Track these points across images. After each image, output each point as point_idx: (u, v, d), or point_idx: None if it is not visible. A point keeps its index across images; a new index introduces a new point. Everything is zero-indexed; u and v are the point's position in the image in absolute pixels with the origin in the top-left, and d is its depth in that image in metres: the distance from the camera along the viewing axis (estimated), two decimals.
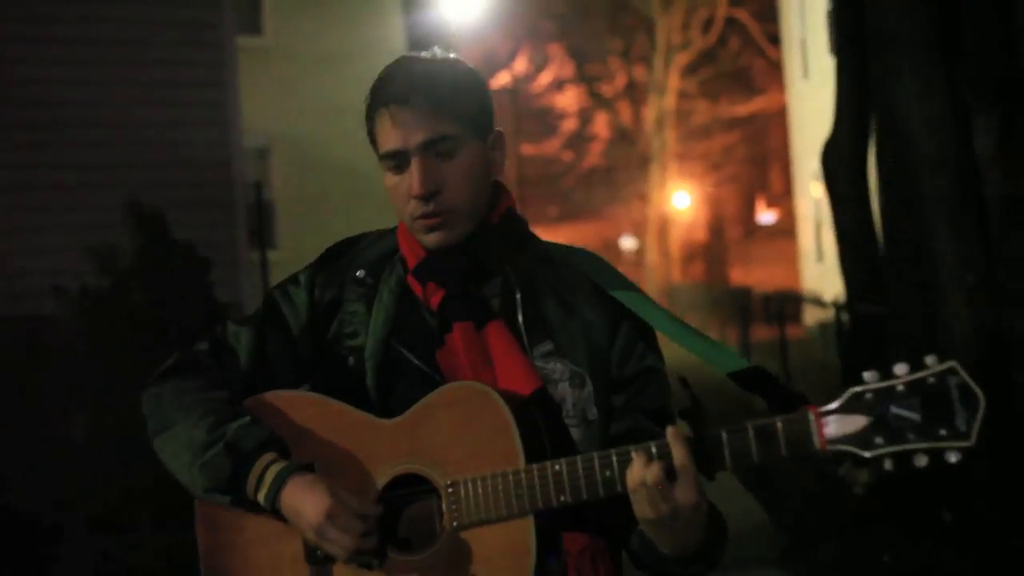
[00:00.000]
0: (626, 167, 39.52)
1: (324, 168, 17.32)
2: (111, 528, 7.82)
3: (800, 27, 27.29)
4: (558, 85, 39.86)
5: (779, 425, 2.10)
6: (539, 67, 39.32)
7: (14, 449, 8.24)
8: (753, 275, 34.90)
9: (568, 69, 39.48)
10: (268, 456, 2.31)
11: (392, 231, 2.50)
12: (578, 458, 2.19)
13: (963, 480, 7.34)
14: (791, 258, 32.06)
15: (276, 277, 10.99)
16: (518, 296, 2.39)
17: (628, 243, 44.15)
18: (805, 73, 27.10)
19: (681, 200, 40.59)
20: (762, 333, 19.02)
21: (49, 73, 10.24)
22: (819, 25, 23.61)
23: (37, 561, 7.31)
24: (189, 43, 10.95)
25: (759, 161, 42.73)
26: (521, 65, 39.07)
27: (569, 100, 40.44)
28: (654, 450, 2.15)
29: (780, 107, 33.06)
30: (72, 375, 8.74)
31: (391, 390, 2.36)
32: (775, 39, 32.25)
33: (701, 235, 43.91)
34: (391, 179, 2.36)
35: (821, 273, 25.55)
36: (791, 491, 9.66)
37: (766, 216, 43.68)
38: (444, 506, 2.26)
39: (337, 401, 2.36)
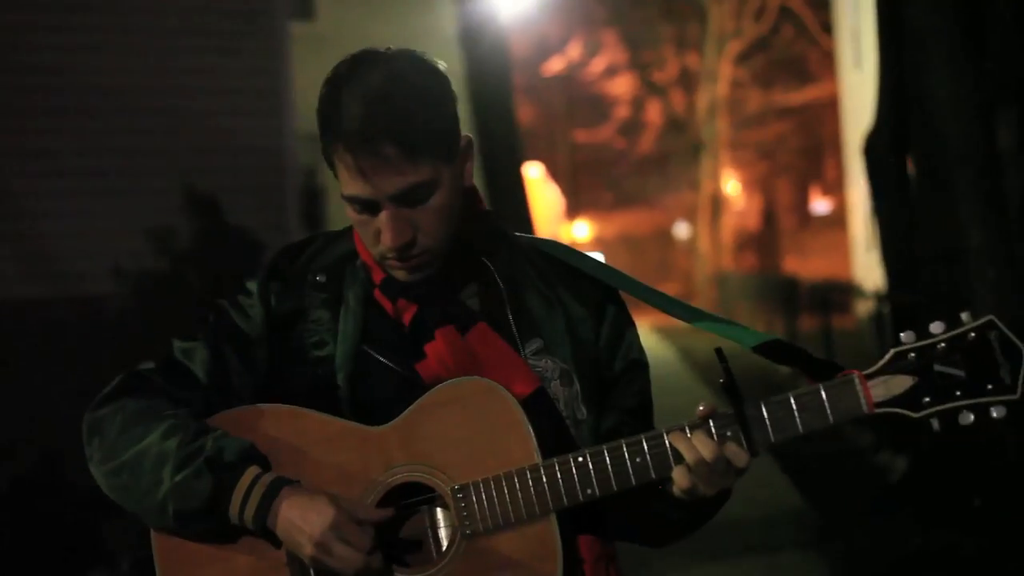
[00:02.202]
0: (678, 155, 39.52)
1: None
2: None
3: (852, 16, 27.23)
4: (611, 72, 39.90)
5: (822, 392, 2.01)
6: (592, 53, 39.38)
7: (74, 426, 8.46)
8: (806, 264, 34.78)
9: (621, 56, 39.50)
10: (253, 469, 2.06)
11: (347, 232, 2.26)
12: (603, 447, 2.05)
13: (993, 465, 7.46)
14: (844, 248, 31.96)
15: None
16: (504, 292, 2.18)
17: (681, 230, 44.08)
18: (857, 62, 27.04)
19: (733, 189, 40.50)
20: (809, 323, 19.14)
21: (106, 62, 10.46)
22: (871, 14, 23.57)
23: (92, 533, 7.53)
24: (242, 29, 11.10)
25: (813, 150, 42.55)
26: (574, 51, 39.15)
27: (622, 87, 40.46)
28: (712, 427, 2.03)
29: (833, 96, 32.97)
30: (128, 354, 8.96)
31: (368, 400, 2.13)
32: (828, 28, 32.18)
33: (754, 224, 43.78)
34: (356, 217, 2.11)
35: (871, 263, 25.51)
36: (827, 476, 9.79)
37: (820, 205, 43.49)
38: (454, 513, 2.05)
39: (316, 411, 2.12)
